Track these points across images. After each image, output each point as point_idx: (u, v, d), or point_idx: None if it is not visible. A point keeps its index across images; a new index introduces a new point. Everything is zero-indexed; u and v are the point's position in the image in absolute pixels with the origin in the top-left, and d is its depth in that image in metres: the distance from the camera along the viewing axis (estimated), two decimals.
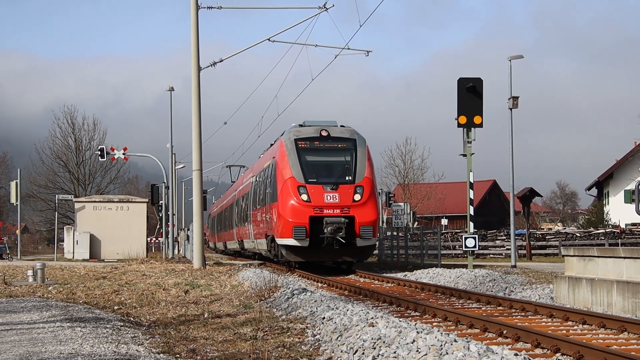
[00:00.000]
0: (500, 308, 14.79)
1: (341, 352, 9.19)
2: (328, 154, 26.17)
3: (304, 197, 24.75)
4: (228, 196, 49.33)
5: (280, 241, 25.61)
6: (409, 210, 41.77)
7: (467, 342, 8.32)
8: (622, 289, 13.78)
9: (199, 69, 27.40)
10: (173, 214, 46.22)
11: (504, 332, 10.80)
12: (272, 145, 31.02)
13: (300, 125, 27.00)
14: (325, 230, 24.21)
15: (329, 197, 24.71)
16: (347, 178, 25.32)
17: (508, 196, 37.62)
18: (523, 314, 13.83)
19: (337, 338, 9.99)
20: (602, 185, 62.40)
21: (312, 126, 26.69)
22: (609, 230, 46.89)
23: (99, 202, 44.83)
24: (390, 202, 41.31)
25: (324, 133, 26.10)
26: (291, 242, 24.86)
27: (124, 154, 43.27)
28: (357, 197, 24.78)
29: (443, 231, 44.59)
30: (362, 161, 25.65)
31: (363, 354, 8.71)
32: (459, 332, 11.34)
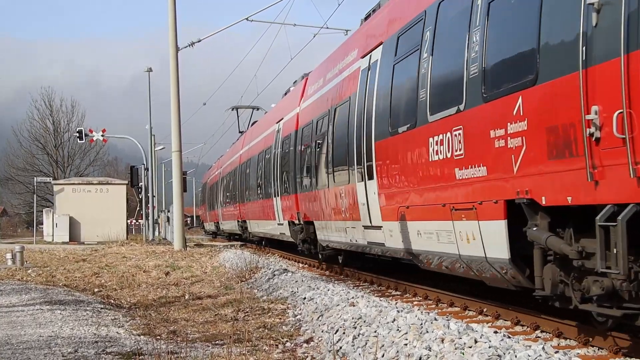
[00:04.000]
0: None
1: (322, 332, 9.21)
2: None
3: None
4: (243, 147, 32.77)
5: None
6: None
7: (447, 320, 8.36)
8: None
9: (177, 49, 27.18)
10: (153, 196, 46.03)
11: (484, 310, 10.86)
12: None
13: None
14: None
15: None
16: None
17: None
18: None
19: (318, 318, 10.00)
20: None
21: None
22: None
23: (78, 184, 44.60)
24: None
25: None
26: None
27: (102, 135, 42.97)
28: None
29: None
30: None
31: (344, 333, 8.73)
32: (440, 310, 11.39)
